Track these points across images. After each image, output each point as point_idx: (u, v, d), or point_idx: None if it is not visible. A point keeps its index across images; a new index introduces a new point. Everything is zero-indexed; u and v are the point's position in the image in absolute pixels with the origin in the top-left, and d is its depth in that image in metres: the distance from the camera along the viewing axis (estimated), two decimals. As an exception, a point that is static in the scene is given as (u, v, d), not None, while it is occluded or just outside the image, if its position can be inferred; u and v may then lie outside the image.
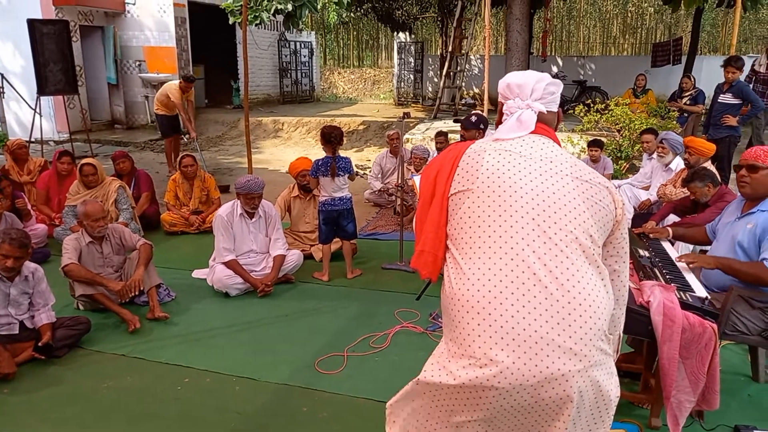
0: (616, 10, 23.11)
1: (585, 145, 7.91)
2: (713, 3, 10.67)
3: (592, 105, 8.64)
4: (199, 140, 12.28)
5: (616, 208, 1.65)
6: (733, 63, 6.57)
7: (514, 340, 1.45)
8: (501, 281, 1.49)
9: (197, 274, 4.79)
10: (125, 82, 12.76)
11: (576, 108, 8.72)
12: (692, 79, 8.84)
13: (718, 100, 6.71)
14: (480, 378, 1.48)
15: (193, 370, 3.35)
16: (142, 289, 3.98)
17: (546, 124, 1.75)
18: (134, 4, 12.30)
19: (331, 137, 4.58)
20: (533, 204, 1.55)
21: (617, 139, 8.08)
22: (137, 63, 12.62)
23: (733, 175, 6.20)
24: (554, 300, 1.46)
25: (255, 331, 3.87)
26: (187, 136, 9.42)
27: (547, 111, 1.75)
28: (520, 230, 1.52)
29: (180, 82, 8.48)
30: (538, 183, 1.58)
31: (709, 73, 12.39)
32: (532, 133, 1.70)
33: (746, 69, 7.60)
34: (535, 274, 1.48)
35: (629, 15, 22.79)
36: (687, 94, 8.67)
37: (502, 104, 1.80)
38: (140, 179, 6.06)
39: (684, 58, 13.51)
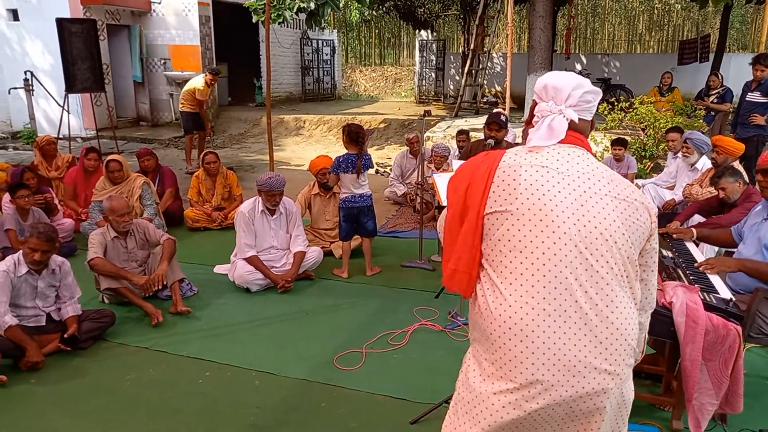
0: (642, 6, 22.73)
1: (608, 144, 7.81)
2: (742, 0, 10.45)
3: (616, 103, 8.53)
4: (222, 137, 12.45)
5: (651, 223, 1.66)
6: (762, 60, 6.44)
7: (554, 365, 1.51)
8: (544, 309, 1.52)
9: (219, 269, 4.85)
10: (150, 80, 12.95)
11: (600, 106, 8.60)
12: (720, 77, 8.67)
13: (746, 99, 6.58)
14: (519, 400, 1.53)
15: (214, 364, 3.40)
16: (165, 283, 4.05)
17: (579, 133, 1.70)
18: (160, 3, 12.48)
19: (359, 137, 4.60)
20: (575, 230, 1.54)
21: (642, 137, 7.97)
22: (162, 61, 12.80)
23: (761, 175, 6.07)
24: (593, 326, 1.52)
25: (275, 326, 3.91)
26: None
27: (579, 119, 1.69)
28: (563, 258, 1.53)
29: (206, 76, 8.55)
30: (579, 206, 1.56)
31: (737, 71, 12.12)
32: (565, 142, 1.66)
33: None
34: (576, 301, 1.52)
35: (655, 12, 22.41)
36: (714, 92, 8.50)
37: (535, 104, 1.74)
38: (164, 176, 6.16)
39: (712, 56, 13.23)
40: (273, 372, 3.31)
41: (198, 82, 8.62)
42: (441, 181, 3.35)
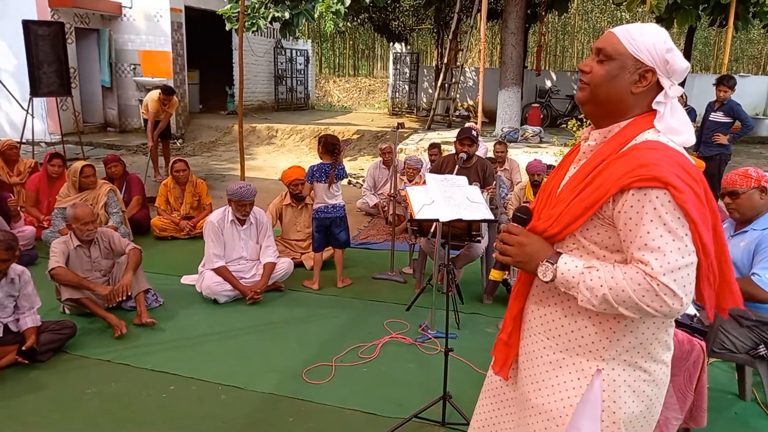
0: (610, 26, 23.33)
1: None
2: (705, 22, 10.82)
3: (584, 120, 8.70)
4: (192, 145, 12.28)
5: None
6: (725, 82, 6.66)
7: None
8: None
9: (186, 280, 4.75)
10: (119, 85, 12.72)
11: (569, 122, 8.77)
12: (684, 97, 8.93)
13: (710, 118, 6.79)
14: None
15: (179, 377, 3.31)
16: (129, 294, 3.94)
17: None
18: (131, 8, 12.30)
19: (335, 147, 4.58)
20: None
21: (576, 139, 8.11)
22: (132, 66, 12.59)
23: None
24: None
25: (243, 338, 3.84)
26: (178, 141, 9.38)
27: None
28: None
29: (159, 95, 8.27)
30: None
31: (701, 91, 12.53)
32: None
33: (751, 89, 7.55)
34: None
35: (623, 32, 23.01)
36: (678, 111, 8.74)
37: (653, 74, 1.43)
38: (131, 183, 6.03)
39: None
40: (240, 386, 3.24)
41: (153, 95, 8.37)
42: (414, 193, 3.35)
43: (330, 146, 4.58)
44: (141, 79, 12.40)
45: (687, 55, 13.52)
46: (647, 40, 1.42)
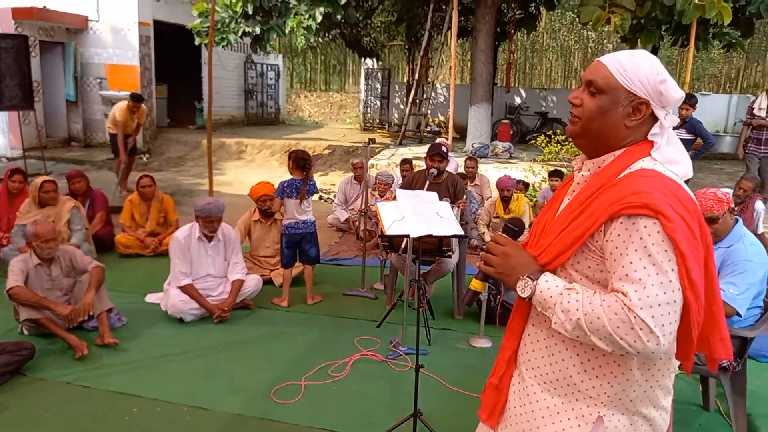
0: (577, 45, 23.98)
1: (546, 175, 8.07)
2: (668, 42, 11.16)
3: (553, 136, 8.86)
4: (159, 160, 12.09)
5: None
6: (687, 100, 6.87)
7: None
8: None
9: (151, 298, 4.64)
10: (84, 99, 12.48)
11: (538, 139, 8.92)
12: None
13: None
14: None
15: (143, 399, 3.21)
16: (91, 313, 3.82)
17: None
18: (97, 21, 12.12)
19: (306, 163, 4.55)
20: None
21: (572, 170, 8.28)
22: (98, 80, 12.38)
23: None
24: None
25: (209, 358, 3.75)
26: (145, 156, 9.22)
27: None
28: None
29: (128, 102, 8.24)
30: None
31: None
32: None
33: (712, 107, 7.90)
34: None
35: (589, 50, 23.67)
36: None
37: (646, 105, 1.39)
38: (95, 199, 5.89)
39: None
40: (206, 407, 3.16)
41: (120, 105, 8.32)
42: (384, 209, 3.34)
43: (301, 161, 4.55)
44: (107, 93, 12.18)
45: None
46: (639, 71, 1.36)
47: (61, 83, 12.19)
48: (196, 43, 9.71)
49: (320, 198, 8.99)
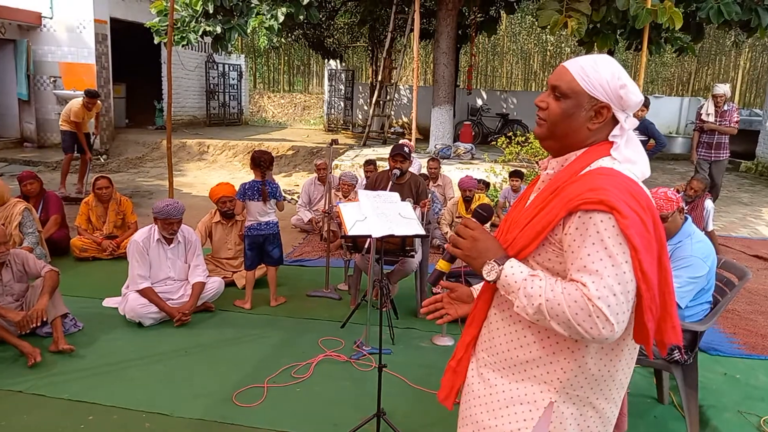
0: (536, 48, 24.44)
1: (507, 176, 8.20)
2: (623, 46, 11.48)
3: (513, 137, 9.00)
4: (118, 161, 11.79)
5: None
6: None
7: None
8: None
9: (108, 302, 4.52)
10: (38, 98, 12.08)
11: (498, 140, 9.05)
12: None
13: None
14: None
15: (98, 407, 3.12)
16: (45, 319, 3.70)
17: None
18: (51, 18, 11.74)
19: (261, 161, 4.52)
20: None
21: (537, 170, 8.45)
22: (52, 79, 12.00)
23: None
24: None
25: (169, 362, 3.68)
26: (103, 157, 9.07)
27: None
28: None
29: (83, 99, 8.28)
30: None
31: (619, 111, 13.24)
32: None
33: (665, 109, 8.11)
34: None
35: (548, 53, 24.16)
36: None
37: (604, 107, 1.46)
38: (49, 201, 5.70)
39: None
40: (165, 412, 3.09)
41: (76, 102, 8.34)
42: (347, 210, 3.34)
43: (256, 160, 4.54)
44: (62, 92, 11.82)
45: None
46: (601, 76, 1.44)
47: (12, 82, 11.78)
48: (155, 42, 9.49)
49: (283, 199, 8.91)
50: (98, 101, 8.50)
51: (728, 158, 7.78)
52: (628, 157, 1.46)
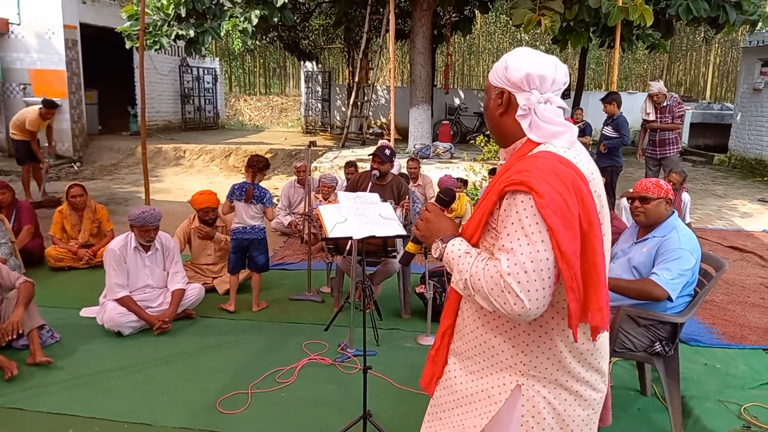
0: (512, 47, 24.63)
1: (486, 174, 8.24)
2: (596, 44, 11.64)
3: (491, 136, 9.05)
4: (92, 168, 11.59)
5: None
6: (608, 98, 7.36)
7: None
8: None
9: (86, 312, 4.43)
10: (7, 106, 11.80)
11: (477, 138, 9.10)
12: (582, 112, 9.55)
13: (603, 132, 7.40)
14: None
15: (78, 419, 3.05)
16: (21, 331, 3.60)
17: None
18: (19, 24, 11.49)
19: (252, 162, 4.60)
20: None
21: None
22: (21, 86, 11.74)
23: (618, 202, 6.69)
24: None
25: (150, 371, 3.61)
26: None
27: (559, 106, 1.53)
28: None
29: (40, 109, 8.14)
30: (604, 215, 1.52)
31: (594, 107, 13.42)
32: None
33: (639, 105, 8.18)
34: None
35: (523, 52, 24.34)
36: (576, 125, 9.33)
37: (509, 95, 1.53)
38: (21, 211, 5.57)
39: (573, 93, 14.58)
40: (147, 422, 3.04)
41: (31, 111, 8.19)
42: (326, 212, 3.32)
43: (249, 161, 4.64)
44: (32, 100, 11.53)
45: (581, 73, 14.48)
46: (498, 66, 1.55)
47: (-20, 90, 11.51)
48: (127, 46, 9.35)
49: (272, 205, 8.84)
50: (55, 111, 8.38)
51: (677, 153, 7.49)
52: (550, 133, 1.48)
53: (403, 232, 3.22)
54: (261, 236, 4.61)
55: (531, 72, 1.48)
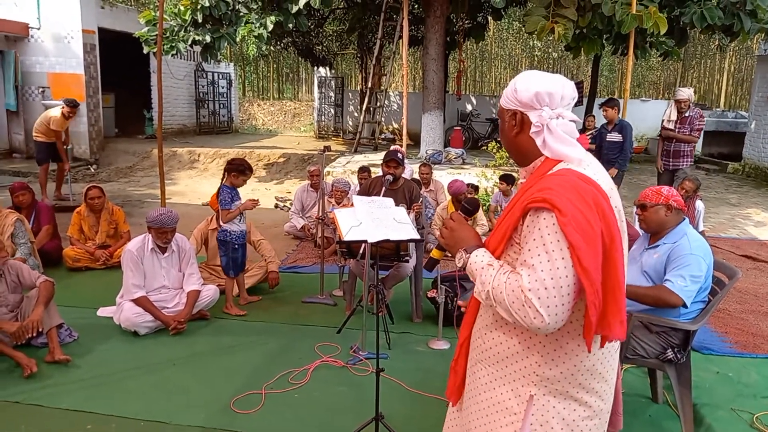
0: (524, 54, 24.64)
1: (497, 180, 8.26)
2: (609, 51, 11.62)
3: (511, 157, 9.05)
4: (108, 171, 11.75)
5: None
6: (606, 104, 7.40)
7: None
8: None
9: (103, 312, 4.51)
10: (26, 109, 12.00)
11: (489, 144, 9.12)
12: (594, 119, 9.55)
13: (607, 138, 7.37)
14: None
15: (96, 416, 3.12)
16: (40, 329, 3.68)
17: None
18: (39, 29, 11.70)
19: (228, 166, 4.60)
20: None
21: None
22: (41, 90, 11.94)
23: (631, 210, 6.68)
24: None
25: (166, 371, 3.67)
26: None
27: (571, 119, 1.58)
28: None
29: (63, 108, 8.38)
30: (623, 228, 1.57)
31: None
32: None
33: (652, 112, 8.16)
34: None
35: (535, 59, 24.34)
36: (589, 132, 9.33)
37: (522, 115, 1.59)
38: (41, 212, 5.68)
39: (585, 100, 14.55)
40: (164, 420, 3.09)
41: (54, 112, 8.43)
42: (342, 216, 3.37)
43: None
44: (51, 103, 11.72)
45: (593, 81, 14.45)
46: (508, 90, 1.61)
47: (0, 93, 11.70)
48: (145, 51, 9.49)
49: (276, 206, 8.92)
50: (77, 111, 8.70)
51: (690, 166, 7.28)
52: (560, 151, 1.53)
53: (418, 236, 3.26)
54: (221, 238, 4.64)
55: (540, 90, 1.54)
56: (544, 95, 1.54)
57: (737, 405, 3.38)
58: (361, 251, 4.13)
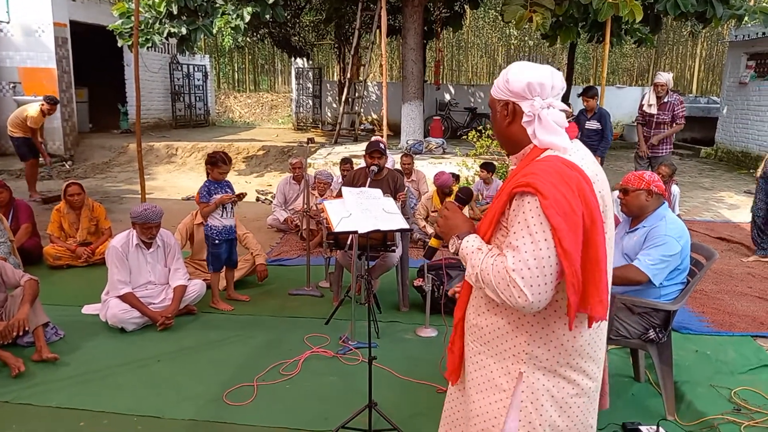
0: (500, 42, 24.75)
1: (478, 169, 8.34)
2: (585, 39, 11.76)
3: (483, 131, 9.15)
4: (84, 167, 11.55)
5: None
6: (585, 93, 7.51)
7: None
8: None
9: (88, 309, 4.47)
10: (-3, 105, 11.73)
11: (469, 134, 9.19)
12: (570, 107, 9.67)
13: (586, 126, 7.48)
14: None
15: (88, 413, 3.11)
16: (26, 328, 3.65)
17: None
18: (8, 23, 11.40)
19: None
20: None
21: (508, 162, 8.61)
22: (11, 85, 11.66)
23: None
24: None
25: (155, 367, 3.67)
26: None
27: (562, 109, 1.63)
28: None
29: (42, 105, 8.27)
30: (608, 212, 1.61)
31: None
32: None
33: (626, 99, 8.30)
34: None
35: (512, 47, 24.48)
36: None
37: (513, 105, 1.63)
38: (19, 210, 5.59)
39: (562, 88, 14.69)
40: (156, 415, 3.10)
41: (32, 108, 8.31)
42: (331, 207, 3.39)
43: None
44: (22, 98, 11.46)
45: (569, 68, 14.61)
46: (499, 81, 1.66)
47: (-32, 88, 11.42)
48: (119, 44, 9.33)
49: (257, 199, 8.89)
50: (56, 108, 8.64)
51: (669, 153, 7.38)
52: (548, 140, 1.59)
53: (407, 226, 3.30)
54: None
55: (531, 80, 1.58)
56: (536, 85, 1.58)
57: (716, 381, 3.50)
58: (348, 242, 4.15)
